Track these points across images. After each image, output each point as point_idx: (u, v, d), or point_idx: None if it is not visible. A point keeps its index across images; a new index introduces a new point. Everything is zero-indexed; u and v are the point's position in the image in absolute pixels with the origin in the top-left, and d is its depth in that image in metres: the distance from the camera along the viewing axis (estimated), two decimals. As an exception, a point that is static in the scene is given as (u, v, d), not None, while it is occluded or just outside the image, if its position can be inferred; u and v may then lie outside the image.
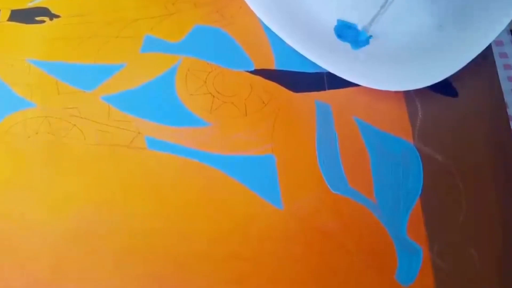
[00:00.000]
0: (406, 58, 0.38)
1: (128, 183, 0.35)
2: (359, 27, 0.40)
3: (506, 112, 0.38)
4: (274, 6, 0.39)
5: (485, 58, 0.39)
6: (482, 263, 0.34)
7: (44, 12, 0.40)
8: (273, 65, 0.39)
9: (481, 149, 0.37)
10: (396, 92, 0.38)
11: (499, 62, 0.40)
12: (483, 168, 0.37)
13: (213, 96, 0.38)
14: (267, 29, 0.39)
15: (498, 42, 0.41)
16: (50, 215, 0.34)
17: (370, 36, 0.40)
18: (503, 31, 0.38)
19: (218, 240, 0.34)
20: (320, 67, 0.37)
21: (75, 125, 0.36)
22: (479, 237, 0.35)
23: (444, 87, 0.38)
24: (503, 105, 0.38)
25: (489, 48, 0.39)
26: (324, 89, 0.38)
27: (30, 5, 0.40)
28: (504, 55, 0.41)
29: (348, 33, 0.40)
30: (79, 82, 0.38)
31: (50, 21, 0.40)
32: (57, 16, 0.40)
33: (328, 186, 0.35)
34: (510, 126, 0.38)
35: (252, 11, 0.39)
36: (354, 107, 0.38)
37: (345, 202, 0.35)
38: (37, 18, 0.40)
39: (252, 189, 0.35)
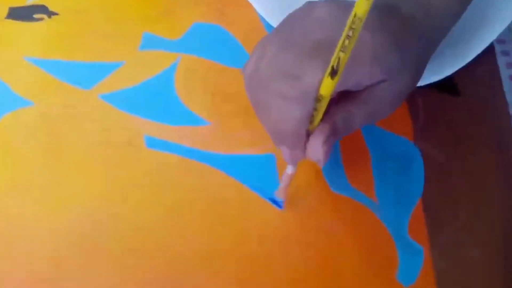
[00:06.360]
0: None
1: (126, 182, 0.35)
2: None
3: (508, 111, 0.38)
4: (276, 3, 0.38)
5: (487, 57, 0.39)
6: (483, 263, 0.34)
7: (42, 9, 0.40)
8: (273, 63, 0.38)
9: (483, 148, 0.37)
10: (397, 91, 0.38)
11: (501, 60, 0.40)
12: (485, 167, 0.36)
13: (213, 95, 0.37)
14: (268, 26, 0.39)
15: (500, 40, 0.41)
16: (49, 214, 0.33)
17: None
18: (505, 29, 0.37)
19: (218, 240, 0.33)
20: (320, 66, 0.37)
21: (73, 123, 0.36)
22: (481, 237, 0.35)
23: (446, 86, 0.38)
24: (505, 104, 0.38)
25: (491, 47, 0.38)
26: (325, 88, 0.38)
27: (28, 2, 0.40)
28: (506, 54, 0.41)
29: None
30: (78, 80, 0.37)
31: (48, 19, 0.39)
32: (55, 14, 0.40)
33: (329, 186, 0.35)
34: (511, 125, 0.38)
35: (252, 8, 0.38)
36: (354, 105, 0.38)
37: (346, 201, 0.35)
38: (35, 16, 0.39)
39: (253, 189, 0.35)
